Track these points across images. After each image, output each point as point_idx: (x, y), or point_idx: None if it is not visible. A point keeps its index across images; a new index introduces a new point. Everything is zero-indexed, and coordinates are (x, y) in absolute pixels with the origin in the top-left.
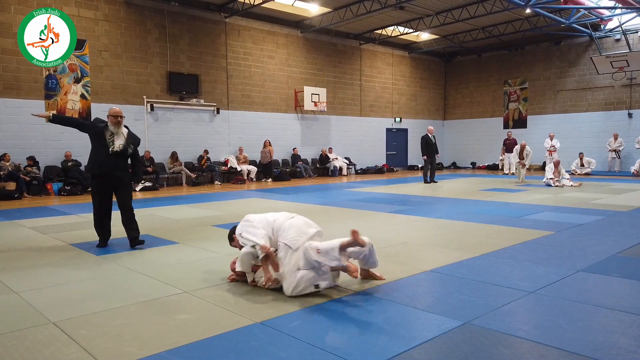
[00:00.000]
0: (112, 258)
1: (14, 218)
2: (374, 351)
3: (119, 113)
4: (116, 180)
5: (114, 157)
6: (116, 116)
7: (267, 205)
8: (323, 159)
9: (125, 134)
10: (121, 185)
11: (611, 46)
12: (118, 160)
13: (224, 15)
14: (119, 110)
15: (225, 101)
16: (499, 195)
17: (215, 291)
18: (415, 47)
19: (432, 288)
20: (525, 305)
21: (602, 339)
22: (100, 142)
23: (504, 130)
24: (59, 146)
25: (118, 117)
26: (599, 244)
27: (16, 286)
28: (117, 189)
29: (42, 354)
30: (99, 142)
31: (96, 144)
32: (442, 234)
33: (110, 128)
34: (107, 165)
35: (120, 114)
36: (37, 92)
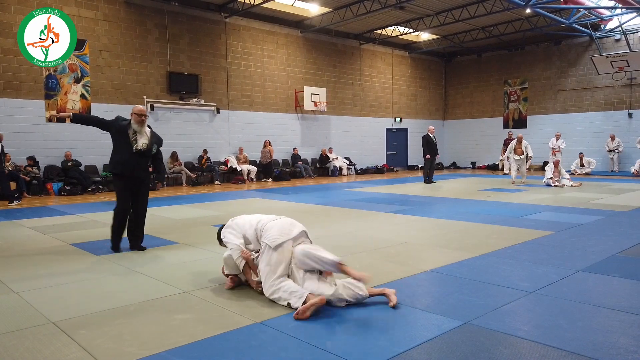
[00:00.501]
0: (112, 258)
1: (14, 218)
2: (374, 351)
3: (143, 112)
4: (137, 181)
5: (136, 156)
6: (140, 114)
7: (267, 205)
8: (323, 159)
9: (148, 134)
10: (141, 187)
11: (611, 46)
12: (141, 159)
13: (224, 15)
14: (144, 108)
15: (225, 101)
16: (499, 195)
17: (215, 291)
18: (415, 47)
19: (432, 288)
20: (525, 305)
21: (602, 339)
22: (123, 140)
23: (504, 130)
24: (59, 146)
25: (142, 116)
26: (599, 244)
27: (16, 286)
28: (136, 190)
29: (42, 353)
30: (122, 140)
31: (118, 142)
32: (442, 234)
33: (134, 126)
34: (130, 164)
35: (144, 113)
36: (37, 92)
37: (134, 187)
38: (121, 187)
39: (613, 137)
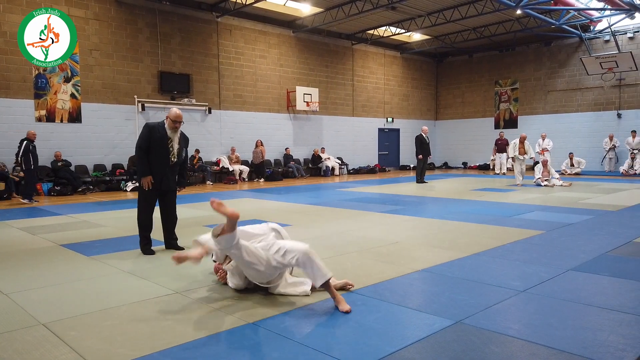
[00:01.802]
0: (103, 259)
1: (3, 218)
2: (365, 351)
3: (180, 117)
4: (166, 191)
5: (171, 167)
6: (176, 120)
7: (259, 205)
8: (315, 159)
9: (179, 138)
10: (168, 194)
11: (600, 47)
12: (174, 168)
13: (216, 15)
14: (181, 114)
15: (217, 101)
16: (490, 195)
17: (206, 292)
18: (407, 47)
19: (424, 287)
20: (516, 304)
21: (592, 337)
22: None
23: (495, 130)
24: (48, 146)
25: (177, 122)
26: (588, 243)
27: (5, 287)
28: (165, 194)
29: (31, 355)
30: (161, 152)
31: (157, 153)
32: (433, 233)
33: (168, 132)
34: (166, 178)
35: (181, 119)
36: (27, 91)
37: (160, 196)
38: (148, 199)
39: (611, 137)
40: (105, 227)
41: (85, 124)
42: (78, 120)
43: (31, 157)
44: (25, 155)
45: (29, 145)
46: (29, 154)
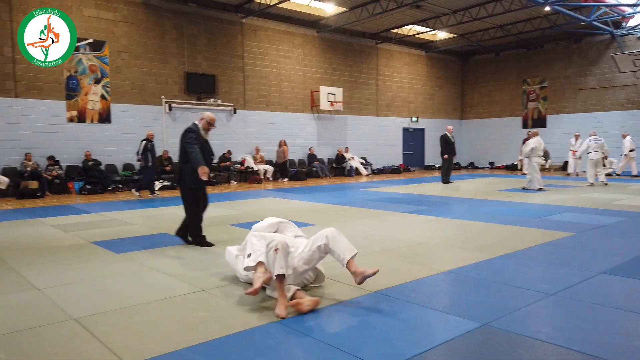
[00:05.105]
0: (132, 256)
1: (37, 216)
2: (390, 352)
3: (214, 120)
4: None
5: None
6: (212, 123)
7: (284, 205)
8: (339, 159)
9: None
10: (202, 189)
11: (633, 44)
12: None
13: (241, 16)
14: (214, 117)
15: (242, 101)
16: (517, 196)
17: (232, 290)
18: (432, 46)
19: (450, 289)
20: (545, 307)
21: (626, 342)
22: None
23: (523, 129)
24: (79, 146)
25: (212, 125)
26: (621, 245)
27: (39, 283)
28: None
29: (63, 349)
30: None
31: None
32: (459, 234)
33: (202, 133)
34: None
35: (214, 122)
36: (58, 92)
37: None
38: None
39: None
40: (134, 225)
41: (114, 124)
42: (107, 121)
43: (149, 154)
44: (144, 153)
45: (148, 144)
46: (148, 152)
